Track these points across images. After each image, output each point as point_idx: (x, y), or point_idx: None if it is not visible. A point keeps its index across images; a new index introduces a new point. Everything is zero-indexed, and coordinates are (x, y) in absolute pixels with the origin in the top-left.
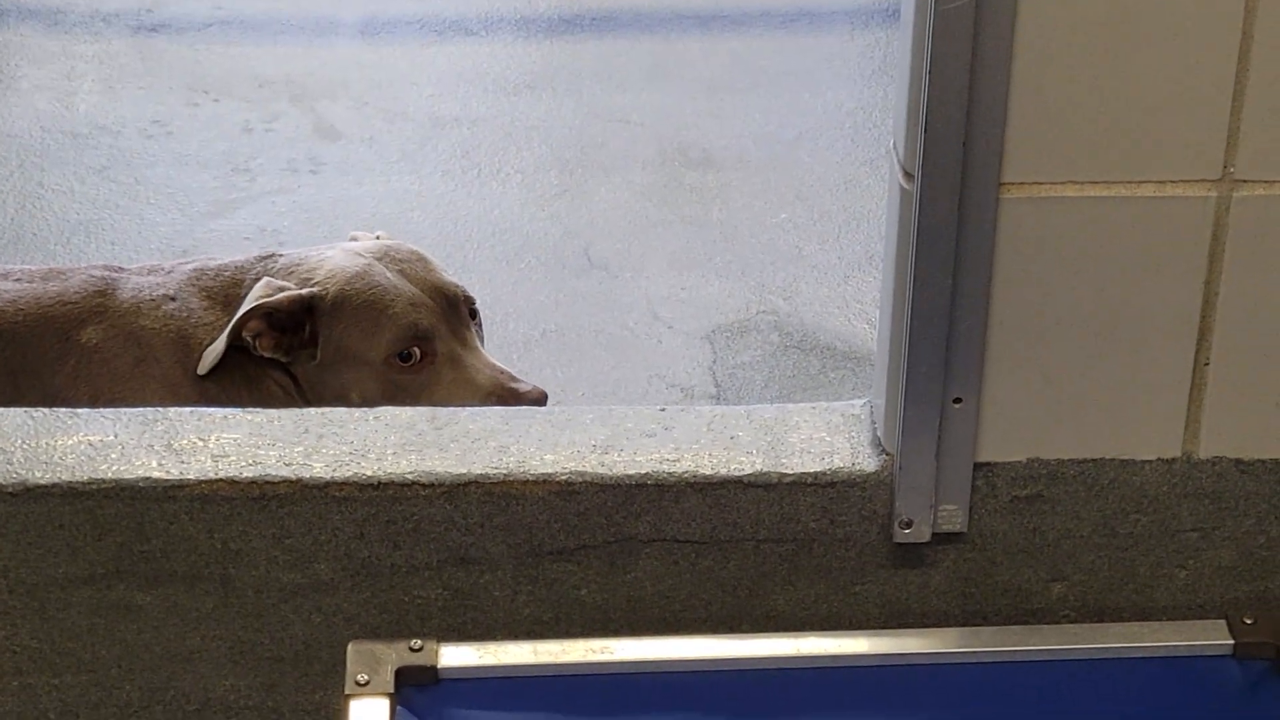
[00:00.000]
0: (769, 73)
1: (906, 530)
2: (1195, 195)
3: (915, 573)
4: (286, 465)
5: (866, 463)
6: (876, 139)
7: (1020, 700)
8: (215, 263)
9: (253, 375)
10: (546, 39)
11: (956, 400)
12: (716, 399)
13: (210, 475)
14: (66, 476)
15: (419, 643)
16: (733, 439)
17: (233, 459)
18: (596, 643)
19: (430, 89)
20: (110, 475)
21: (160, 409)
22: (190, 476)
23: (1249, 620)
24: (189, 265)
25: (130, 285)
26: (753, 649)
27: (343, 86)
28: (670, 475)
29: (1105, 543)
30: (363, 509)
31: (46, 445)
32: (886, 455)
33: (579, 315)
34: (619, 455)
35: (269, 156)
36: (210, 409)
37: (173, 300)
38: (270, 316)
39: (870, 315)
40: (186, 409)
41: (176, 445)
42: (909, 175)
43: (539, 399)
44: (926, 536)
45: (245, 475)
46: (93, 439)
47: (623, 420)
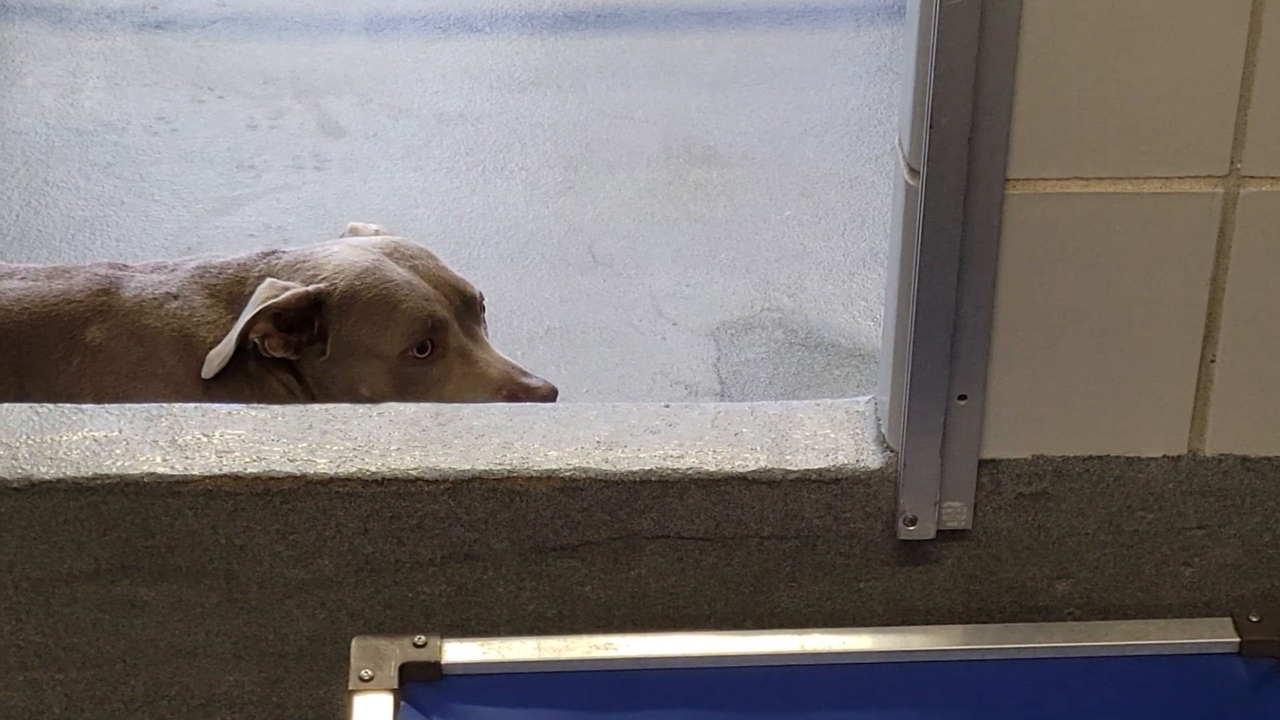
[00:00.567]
0: (774, 69)
1: (911, 527)
2: (1201, 191)
3: (920, 570)
4: (290, 461)
5: (871, 460)
6: (882, 136)
7: (1025, 698)
8: (219, 260)
9: (256, 374)
10: (551, 35)
11: (961, 397)
12: (721, 396)
13: (215, 471)
14: (71, 472)
15: (423, 638)
16: (737, 436)
17: (237, 455)
18: (600, 639)
19: (435, 85)
20: (115, 471)
21: (164, 405)
22: (195, 472)
23: (1255, 618)
24: (192, 263)
25: (134, 283)
26: (757, 646)
27: (347, 83)
28: (674, 472)
29: (1110, 540)
30: (367, 505)
31: (51, 441)
32: (891, 452)
33: (583, 312)
34: (623, 452)
35: (274, 153)
36: (214, 405)
37: (176, 299)
38: (277, 317)
39: (875, 312)
40: (190, 405)
41: (181, 441)
42: (914, 172)
43: (549, 394)
44: (931, 533)
45: (249, 471)
46: (97, 435)
47: (627, 417)
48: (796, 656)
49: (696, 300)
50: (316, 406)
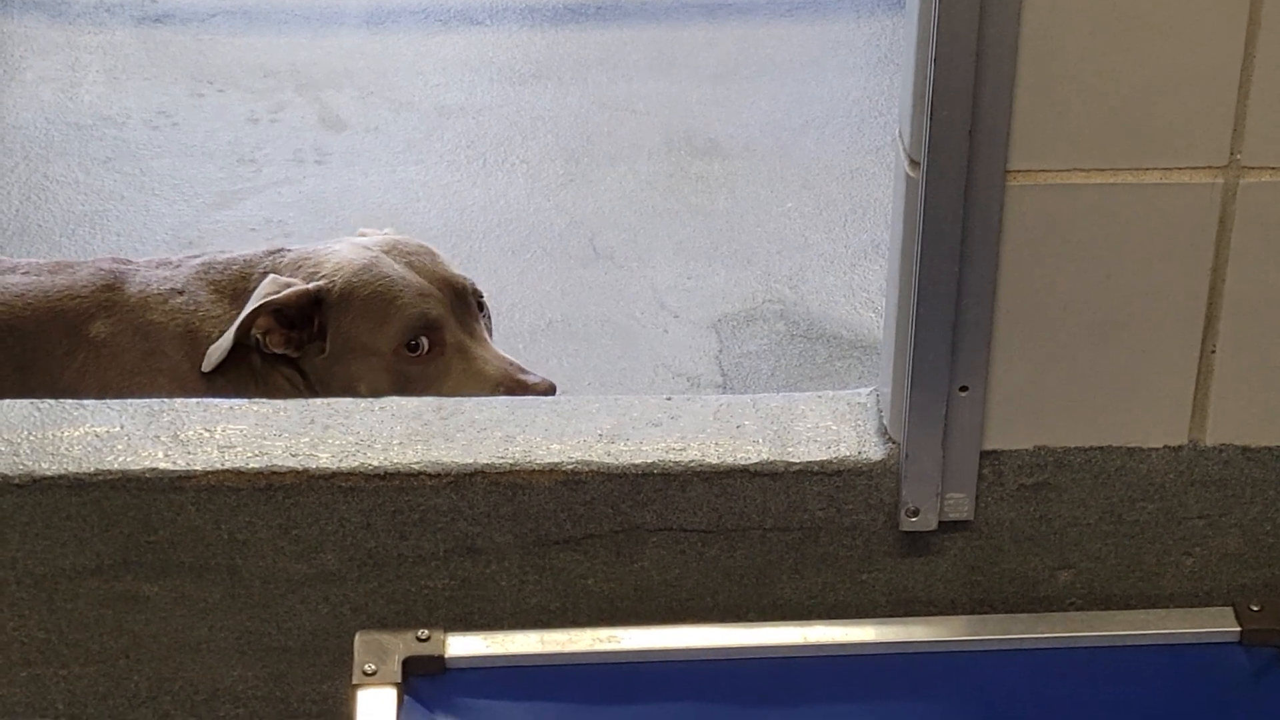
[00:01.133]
0: (774, 61)
1: (913, 518)
2: (1201, 182)
3: (922, 561)
4: (293, 456)
5: (873, 451)
6: (882, 127)
7: (1027, 688)
8: (224, 256)
9: (260, 370)
10: (552, 28)
11: (963, 388)
12: (723, 388)
13: (217, 466)
14: (73, 468)
15: (426, 632)
16: (739, 428)
17: (239, 450)
18: (603, 632)
19: (436, 79)
20: (117, 466)
21: (166, 400)
22: (197, 467)
23: (1255, 607)
24: (197, 259)
25: (138, 279)
26: (760, 638)
27: (348, 76)
28: (676, 464)
29: (1112, 530)
30: (369, 499)
31: (53, 437)
32: (893, 444)
33: (585, 305)
34: (625, 445)
35: (274, 147)
36: (216, 400)
37: (181, 294)
38: (278, 313)
39: (876, 304)
40: (192, 400)
41: (183, 436)
42: (915, 163)
43: (547, 390)
44: (933, 525)
45: (252, 466)
46: (99, 430)
47: (629, 410)
48: (799, 648)
49: (698, 292)
50: (318, 401)
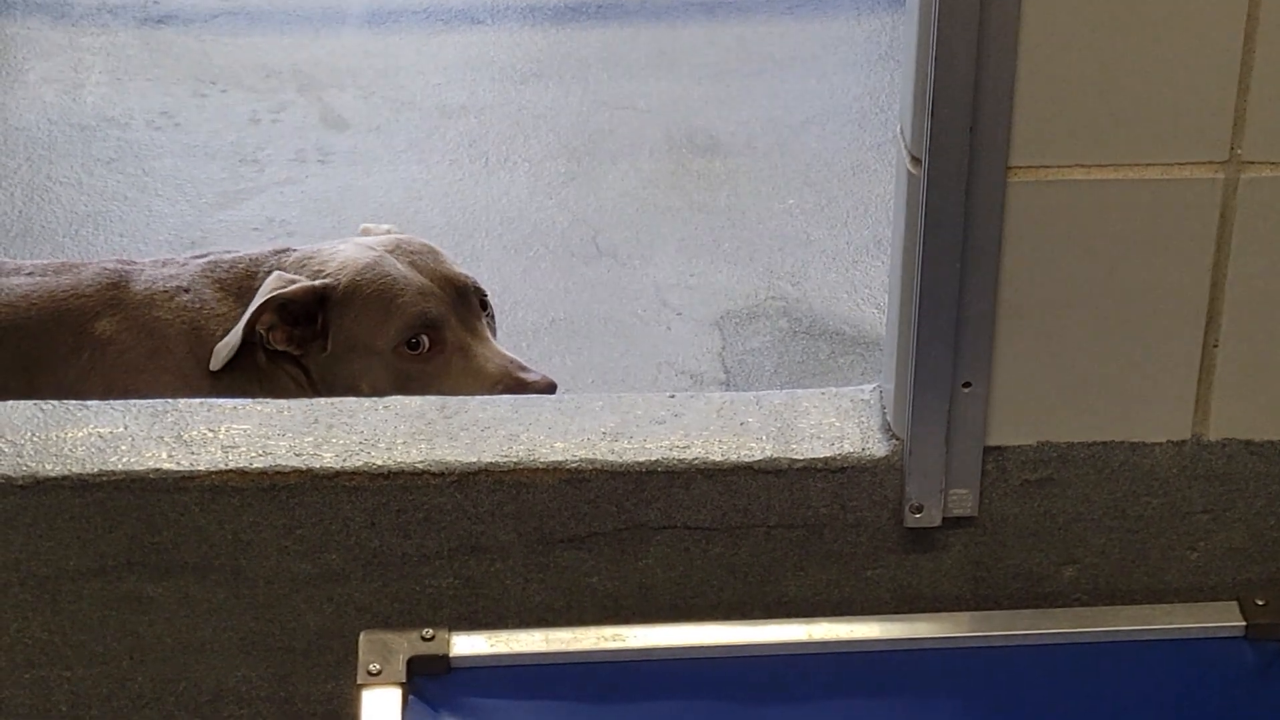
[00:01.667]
0: (775, 58)
1: (917, 515)
2: (1202, 177)
3: (926, 557)
4: (297, 455)
5: (877, 448)
6: (883, 124)
7: (1032, 683)
8: (229, 256)
9: (265, 367)
10: (553, 27)
11: (966, 384)
12: (726, 385)
13: (220, 466)
14: (77, 469)
15: (430, 632)
16: (743, 425)
17: (243, 450)
18: (608, 630)
19: (437, 78)
20: (120, 467)
21: (170, 401)
22: (200, 468)
23: (1261, 601)
24: (203, 258)
25: (144, 278)
26: (764, 635)
27: (350, 76)
28: (680, 462)
29: (1116, 525)
30: (373, 498)
31: (56, 437)
32: (896, 440)
33: (588, 303)
34: (629, 443)
35: (277, 147)
36: (220, 400)
37: (186, 292)
38: (283, 310)
39: (879, 300)
40: (196, 400)
41: (186, 437)
42: (916, 160)
43: (547, 388)
44: (937, 521)
45: (255, 466)
46: (103, 431)
47: (632, 407)
48: (804, 645)
49: (701, 290)
50: (321, 401)
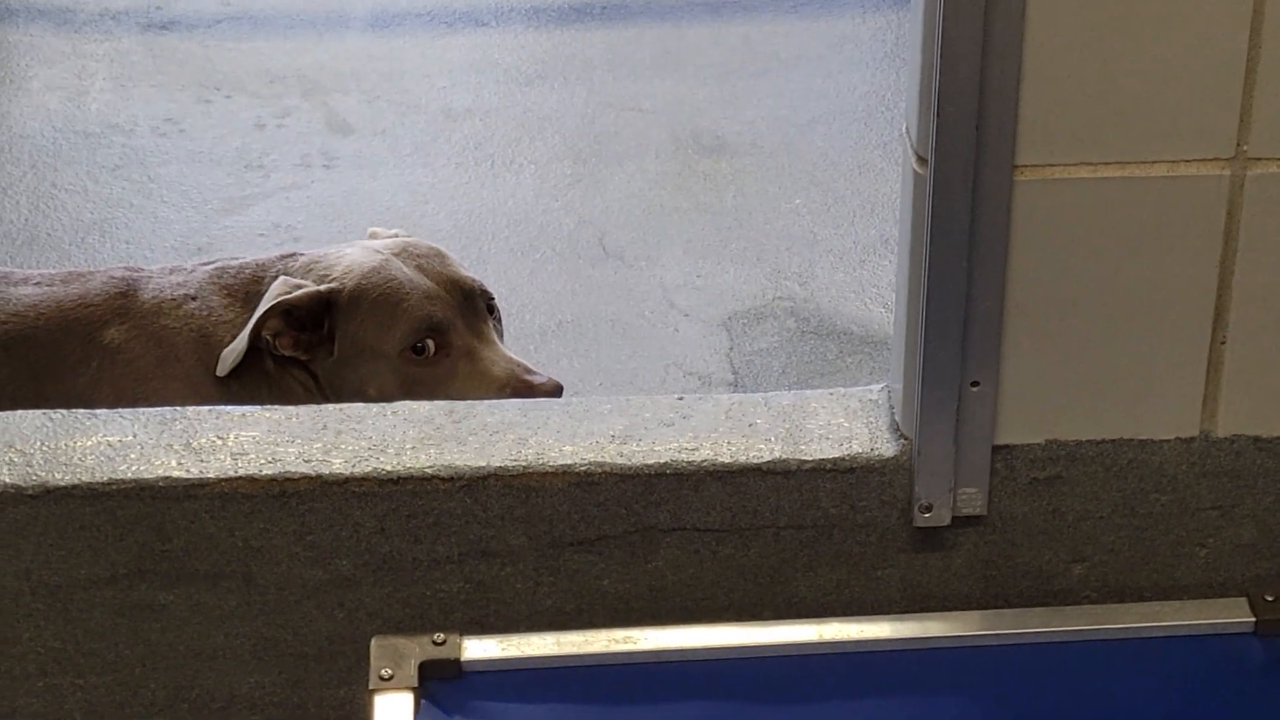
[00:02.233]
0: (780, 58)
1: (926, 514)
2: (1209, 174)
3: (936, 556)
4: (306, 462)
5: (885, 447)
6: (889, 122)
7: (1043, 681)
8: (236, 262)
9: (273, 373)
10: (557, 28)
11: (974, 383)
12: (734, 386)
13: (230, 473)
14: (86, 477)
15: (442, 636)
16: (751, 426)
17: (252, 457)
18: (619, 633)
19: (442, 81)
20: (130, 475)
21: (178, 408)
22: (210, 475)
23: (1270, 597)
24: (210, 265)
25: (152, 285)
26: (775, 636)
27: (354, 80)
28: (689, 464)
29: (1125, 523)
30: (383, 504)
31: (66, 446)
32: (905, 440)
33: (595, 305)
34: (638, 445)
35: (282, 152)
36: (228, 407)
37: (194, 299)
38: (289, 315)
39: (886, 299)
40: (204, 408)
41: (195, 444)
42: (923, 160)
43: (554, 390)
44: (946, 520)
45: (265, 473)
46: (112, 439)
47: (641, 410)
48: (815, 645)
49: (708, 291)
50: (330, 407)
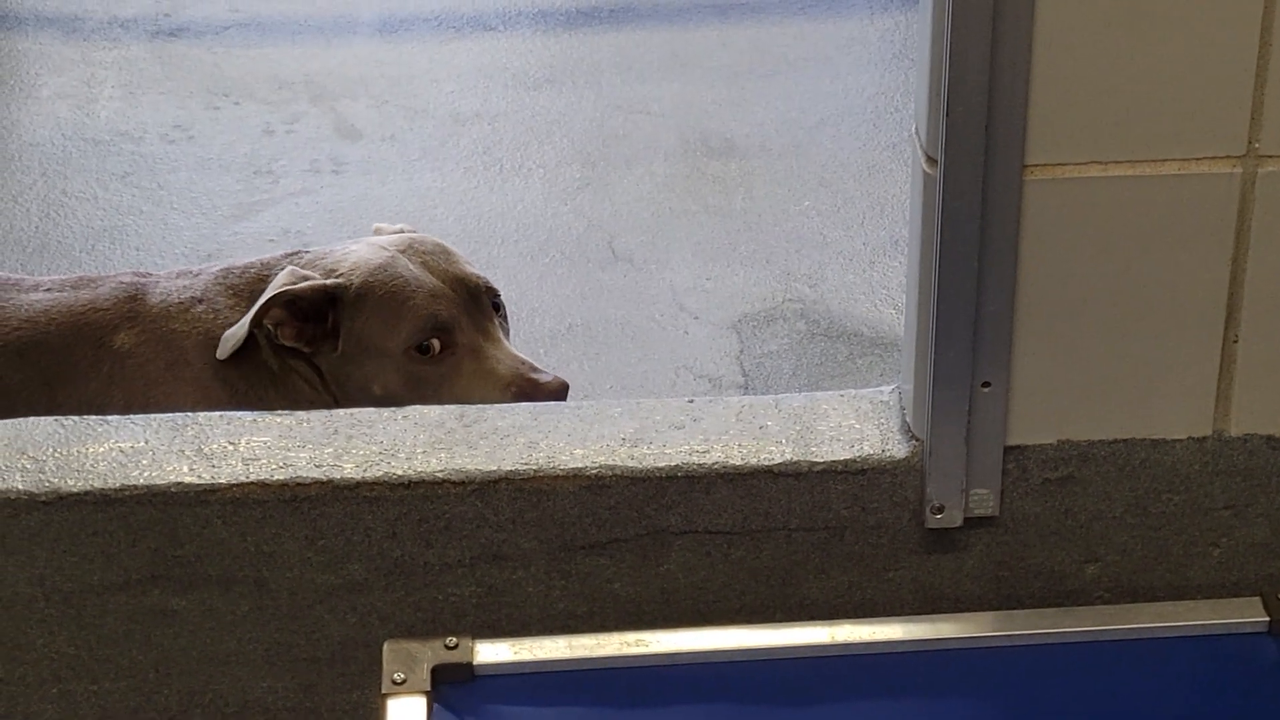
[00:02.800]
0: (788, 59)
1: (938, 515)
2: (1219, 172)
3: (948, 558)
4: (317, 467)
5: (896, 449)
6: (898, 123)
7: (1056, 682)
8: (242, 262)
9: (277, 371)
10: (565, 32)
11: (985, 384)
12: (744, 389)
13: (241, 479)
14: (99, 484)
15: (454, 640)
16: (762, 429)
17: (263, 462)
18: (631, 635)
19: (450, 85)
20: (142, 481)
21: (189, 414)
22: (222, 480)
23: None
24: (217, 266)
25: (160, 290)
26: (787, 638)
27: (362, 85)
28: (700, 467)
29: (1138, 523)
30: (394, 508)
31: (78, 453)
32: (916, 441)
33: (604, 308)
34: (648, 448)
35: (291, 158)
36: (239, 413)
37: (201, 302)
38: (292, 306)
39: (897, 301)
40: (216, 414)
41: (207, 450)
42: (932, 160)
43: (559, 389)
44: (958, 521)
45: (276, 478)
46: (124, 445)
47: (651, 413)
48: (827, 647)
49: (717, 293)
50: (341, 412)
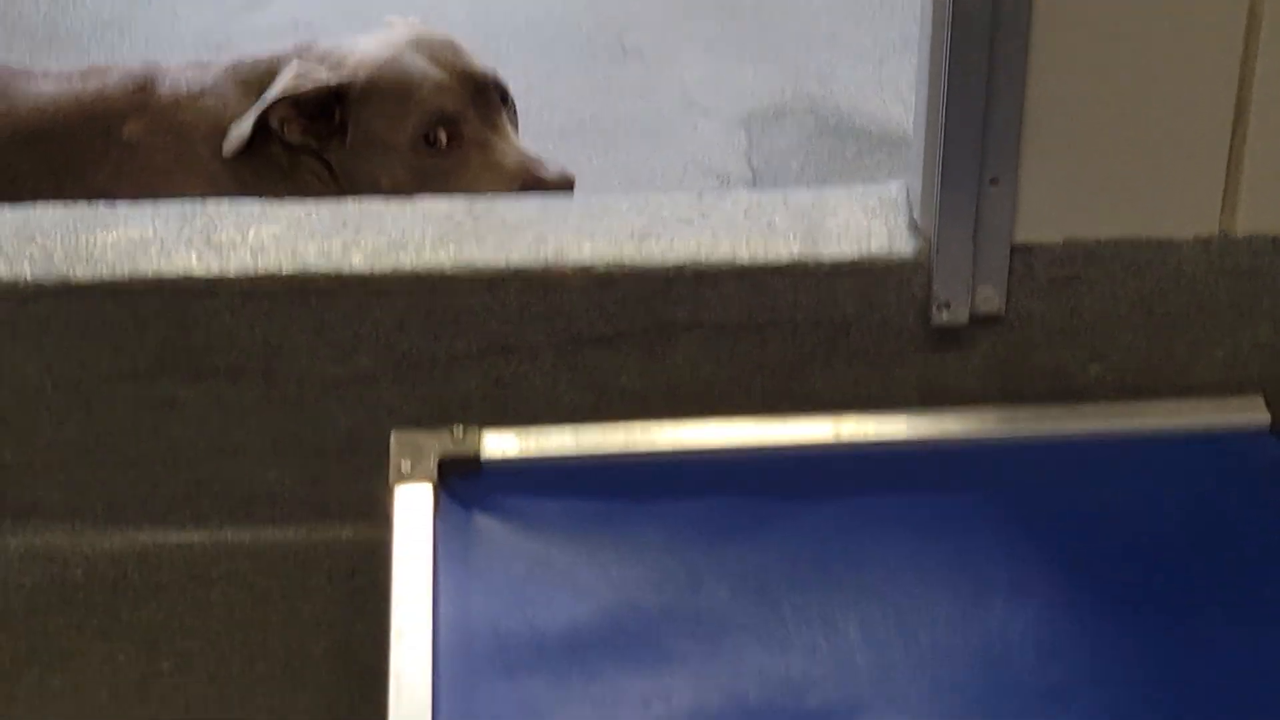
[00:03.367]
0: None
1: (944, 313)
2: None
3: (953, 355)
4: (326, 258)
5: (903, 246)
6: None
7: (1058, 479)
8: (251, 55)
9: (286, 165)
10: None
11: (993, 181)
12: (753, 184)
13: (250, 270)
14: (107, 273)
15: (461, 431)
16: (770, 225)
17: (272, 253)
18: (636, 427)
19: None
20: (151, 271)
21: (198, 204)
22: (230, 271)
23: None
24: (227, 58)
25: (169, 80)
26: (792, 431)
27: None
28: (708, 262)
29: (1143, 322)
30: (402, 301)
31: (86, 241)
32: (924, 238)
33: (614, 104)
34: (656, 243)
35: None
36: (248, 202)
37: (211, 94)
38: (297, 104)
39: (906, 98)
40: (224, 203)
41: (215, 240)
42: None
43: (565, 182)
44: (964, 319)
45: (285, 269)
46: (132, 234)
47: (660, 208)
48: (831, 443)
49: (727, 89)
50: (350, 203)
